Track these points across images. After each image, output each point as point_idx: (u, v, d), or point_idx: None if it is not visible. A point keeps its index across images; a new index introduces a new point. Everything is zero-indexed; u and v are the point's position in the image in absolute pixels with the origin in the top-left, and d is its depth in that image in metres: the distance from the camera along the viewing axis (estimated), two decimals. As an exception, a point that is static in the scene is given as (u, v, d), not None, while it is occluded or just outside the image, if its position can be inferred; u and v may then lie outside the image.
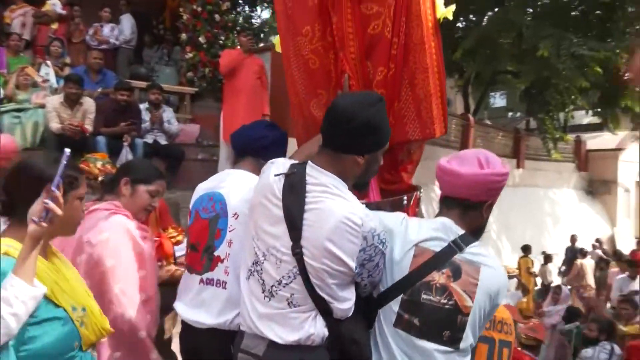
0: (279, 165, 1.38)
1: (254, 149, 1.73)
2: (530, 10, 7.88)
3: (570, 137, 13.24)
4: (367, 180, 1.57)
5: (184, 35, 6.39)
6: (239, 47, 5.40)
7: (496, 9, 8.40)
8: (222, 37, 6.41)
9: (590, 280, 8.47)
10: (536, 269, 8.99)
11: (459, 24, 9.34)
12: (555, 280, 9.53)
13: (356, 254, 1.25)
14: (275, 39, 2.26)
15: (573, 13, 7.30)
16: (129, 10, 6.90)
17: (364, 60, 1.78)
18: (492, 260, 1.35)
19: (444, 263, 1.31)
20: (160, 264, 2.27)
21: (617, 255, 7.49)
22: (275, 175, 1.34)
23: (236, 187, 1.64)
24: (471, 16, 9.41)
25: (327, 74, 1.88)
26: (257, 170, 1.58)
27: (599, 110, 9.31)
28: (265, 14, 14.84)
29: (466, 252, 1.32)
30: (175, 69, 7.04)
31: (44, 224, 1.13)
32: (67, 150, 1.18)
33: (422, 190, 1.94)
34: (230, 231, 1.59)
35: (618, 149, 14.05)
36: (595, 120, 10.47)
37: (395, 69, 1.78)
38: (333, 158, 1.33)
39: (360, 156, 1.32)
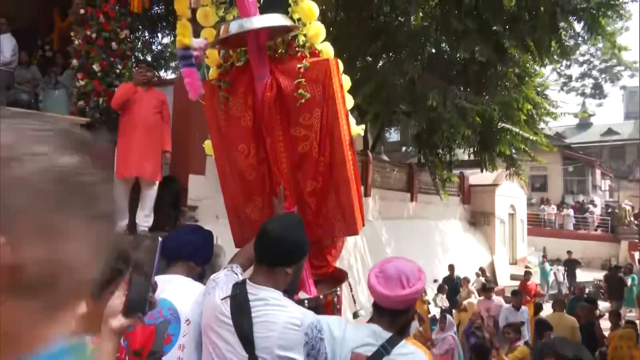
0: (222, 285, 1.63)
1: (184, 253, 1.89)
2: (420, 58, 8.73)
3: (456, 175, 14.65)
4: (295, 285, 1.89)
5: (75, 62, 5.91)
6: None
7: (390, 54, 9.17)
8: (120, 66, 6.05)
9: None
10: (429, 297, 9.57)
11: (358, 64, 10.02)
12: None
13: (302, 348, 1.53)
14: (206, 142, 2.45)
15: (456, 68, 8.25)
16: (9, 29, 6.24)
17: (295, 173, 2.14)
18: (414, 356, 1.61)
19: None
20: None
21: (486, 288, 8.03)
22: (222, 299, 1.59)
23: (182, 294, 1.77)
24: (368, 58, 10.14)
25: (261, 183, 2.18)
26: (190, 273, 1.85)
27: (478, 151, 10.51)
28: (166, 40, 14.38)
29: (393, 353, 1.58)
30: (65, 94, 6.46)
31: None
32: (160, 239, 1.09)
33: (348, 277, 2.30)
34: (183, 336, 1.69)
35: (494, 185, 15.82)
36: (477, 157, 11.79)
37: (322, 182, 2.11)
38: (267, 272, 1.62)
39: (289, 267, 1.63)
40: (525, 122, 9.75)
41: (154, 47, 13.78)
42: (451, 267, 11.17)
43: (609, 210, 22.32)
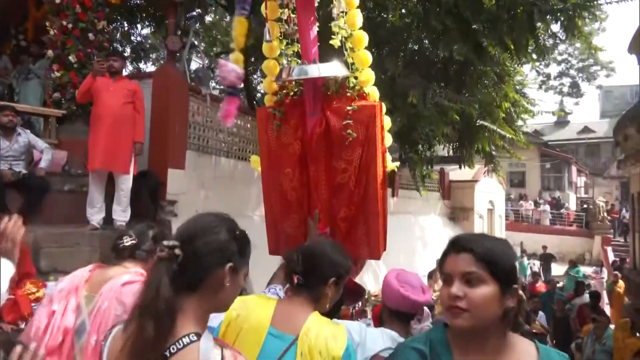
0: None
1: None
2: (402, 55, 8.78)
3: (435, 172, 14.81)
4: (337, 307, 1.97)
5: (50, 52, 5.77)
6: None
7: (373, 50, 9.16)
8: (96, 57, 5.93)
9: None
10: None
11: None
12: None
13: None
14: (253, 158, 2.71)
15: (436, 66, 8.32)
16: (-20, 18, 6.06)
17: (331, 199, 2.38)
18: None
19: None
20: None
21: None
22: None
23: None
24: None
25: (300, 204, 2.45)
26: None
27: (457, 147, 10.65)
28: (145, 31, 14.12)
29: None
30: (39, 84, 6.31)
31: None
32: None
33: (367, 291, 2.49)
34: None
35: (474, 181, 16.07)
36: (457, 154, 11.96)
37: (355, 211, 2.36)
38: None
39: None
40: (504, 120, 9.90)
41: (133, 38, 13.52)
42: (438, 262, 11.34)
43: (584, 207, 22.90)
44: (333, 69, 2.24)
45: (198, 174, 6.39)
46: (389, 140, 2.44)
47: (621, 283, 9.51)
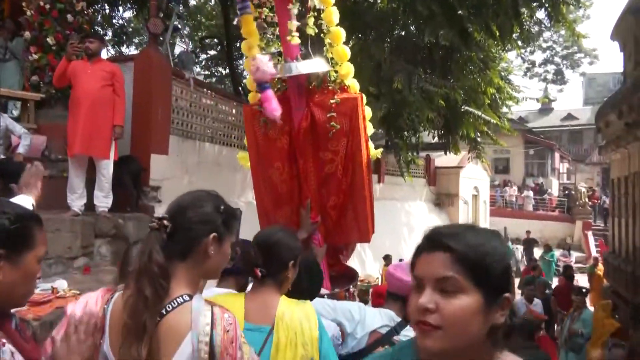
0: None
1: (235, 269, 2.05)
2: (388, 41, 8.74)
3: (421, 158, 14.89)
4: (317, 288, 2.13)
5: (27, 34, 5.61)
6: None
7: (359, 35, 9.14)
8: (75, 39, 5.78)
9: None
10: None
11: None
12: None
13: None
14: (240, 154, 2.87)
15: (422, 52, 8.32)
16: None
17: (320, 189, 2.51)
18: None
19: (387, 341, 1.93)
20: None
21: None
22: None
23: None
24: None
25: (291, 195, 2.57)
26: (237, 286, 2.04)
27: (442, 134, 10.72)
28: (127, 14, 13.81)
29: (401, 334, 1.96)
30: (17, 65, 6.12)
31: None
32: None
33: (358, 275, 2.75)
34: None
35: (459, 167, 16.21)
36: (442, 140, 12.03)
37: (343, 198, 2.50)
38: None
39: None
40: (489, 106, 9.97)
41: (115, 21, 13.21)
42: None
43: (566, 192, 23.31)
44: (315, 65, 2.36)
45: (182, 159, 6.32)
46: (370, 129, 2.56)
47: (601, 266, 9.76)
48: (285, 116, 2.42)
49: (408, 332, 1.97)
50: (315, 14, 2.41)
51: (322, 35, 2.44)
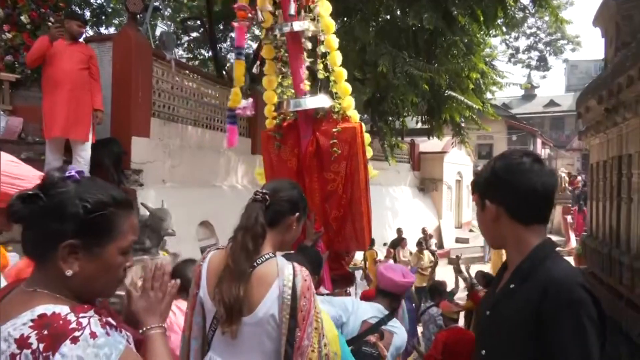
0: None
1: None
2: (374, 24, 8.67)
3: (405, 143, 14.94)
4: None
5: (0, 12, 5.41)
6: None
7: (345, 19, 9.05)
8: (52, 19, 5.60)
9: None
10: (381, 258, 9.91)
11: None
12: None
13: None
14: (257, 170, 3.29)
15: (407, 35, 8.28)
16: None
17: (324, 204, 2.90)
18: (399, 330, 2.40)
19: (376, 329, 2.29)
20: None
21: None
22: None
23: None
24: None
25: None
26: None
27: (427, 119, 10.75)
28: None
29: (388, 325, 2.33)
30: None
31: None
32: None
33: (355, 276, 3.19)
34: None
35: (443, 152, 16.33)
36: (426, 125, 12.08)
37: (343, 212, 2.88)
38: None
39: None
40: (473, 91, 10.02)
41: (92, 0, 12.82)
42: (399, 231, 11.57)
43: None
44: (320, 100, 2.83)
45: (164, 142, 6.23)
46: (369, 152, 2.95)
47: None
48: (295, 141, 2.90)
49: (394, 323, 2.39)
50: (322, 58, 2.89)
51: (327, 73, 2.90)
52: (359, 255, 10.28)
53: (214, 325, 1.50)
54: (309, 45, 2.84)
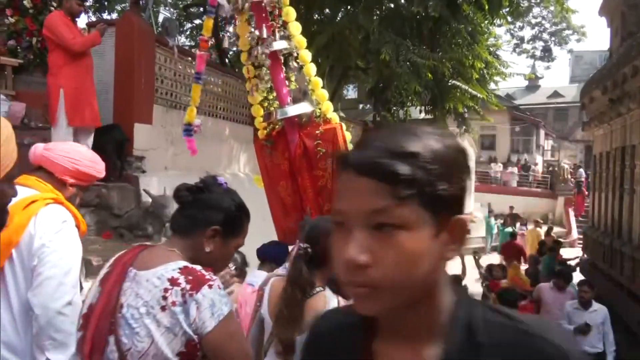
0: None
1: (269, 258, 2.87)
2: (377, 12, 8.60)
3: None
4: None
5: (1, -5, 5.38)
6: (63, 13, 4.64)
7: (348, 7, 8.97)
8: (54, 3, 5.56)
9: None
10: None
11: (315, 16, 9.77)
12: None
13: None
14: (256, 177, 3.62)
15: (411, 23, 8.21)
16: None
17: (317, 198, 3.19)
18: None
19: None
20: None
21: None
22: None
23: None
24: (327, 10, 9.88)
25: (295, 205, 3.29)
26: (271, 270, 2.52)
27: (430, 109, 10.71)
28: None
29: None
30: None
31: None
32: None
33: None
34: None
35: (446, 142, 16.24)
36: (429, 116, 12.03)
37: None
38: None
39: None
40: (477, 81, 9.96)
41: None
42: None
43: (550, 169, 23.66)
44: (302, 107, 3.17)
45: (167, 129, 6.23)
46: (351, 147, 3.13)
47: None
48: (284, 146, 3.24)
49: None
50: (297, 72, 3.31)
51: (305, 83, 3.28)
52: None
53: (270, 338, 1.88)
54: (294, 64, 3.31)
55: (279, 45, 3.14)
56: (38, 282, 1.43)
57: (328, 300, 1.75)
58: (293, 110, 3.18)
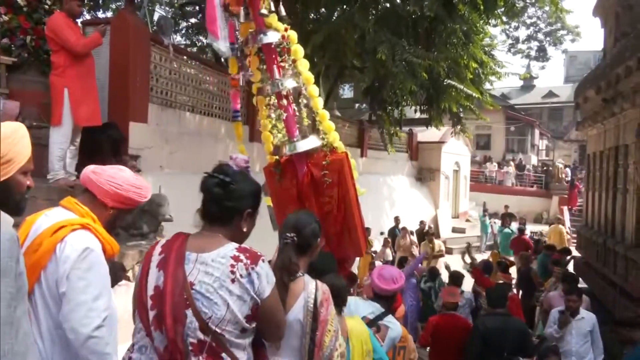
0: None
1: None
2: (373, 12, 8.61)
3: (404, 132, 14.92)
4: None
5: (-4, -6, 5.33)
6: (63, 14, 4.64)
7: (344, 6, 8.97)
8: (48, 1, 5.53)
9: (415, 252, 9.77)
10: (377, 248, 9.97)
11: (312, 15, 9.77)
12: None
13: None
14: (266, 198, 3.65)
15: (407, 23, 8.22)
16: None
17: (323, 223, 3.15)
18: (394, 324, 2.89)
19: (374, 324, 2.74)
20: None
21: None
22: None
23: None
24: (323, 9, 9.88)
25: None
26: None
27: (425, 108, 10.72)
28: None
29: (384, 320, 2.84)
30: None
31: None
32: None
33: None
34: None
35: (441, 142, 16.32)
36: (424, 115, 12.06)
37: (339, 228, 3.43)
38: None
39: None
40: (472, 81, 9.99)
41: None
42: (396, 219, 11.64)
43: (544, 169, 23.79)
44: (311, 142, 3.35)
45: (162, 128, 6.21)
46: (356, 175, 3.46)
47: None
48: (293, 174, 3.44)
49: (390, 319, 2.88)
50: (305, 107, 3.47)
51: (313, 115, 3.47)
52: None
53: None
54: (304, 101, 3.49)
55: (289, 84, 3.32)
56: (69, 309, 1.55)
57: (306, 284, 1.87)
58: (301, 145, 3.34)
